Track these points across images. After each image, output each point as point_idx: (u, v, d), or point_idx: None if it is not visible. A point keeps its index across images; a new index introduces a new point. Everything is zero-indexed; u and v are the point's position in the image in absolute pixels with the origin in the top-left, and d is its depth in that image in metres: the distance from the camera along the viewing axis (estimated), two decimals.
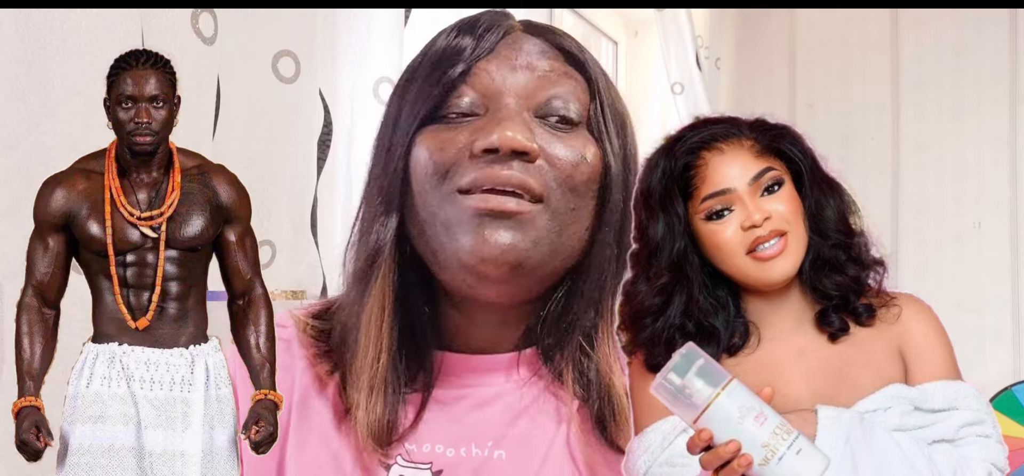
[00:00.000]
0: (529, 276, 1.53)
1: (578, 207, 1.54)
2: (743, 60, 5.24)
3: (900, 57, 5.05)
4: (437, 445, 1.58)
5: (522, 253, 1.50)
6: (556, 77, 1.56)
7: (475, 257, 1.50)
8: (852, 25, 5.12)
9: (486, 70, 1.55)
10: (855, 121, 5.09)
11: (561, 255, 1.55)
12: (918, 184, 5.01)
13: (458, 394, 1.60)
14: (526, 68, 1.56)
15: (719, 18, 5.05)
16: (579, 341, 1.57)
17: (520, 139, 1.49)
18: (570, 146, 1.54)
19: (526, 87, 1.55)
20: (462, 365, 1.61)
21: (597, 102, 1.58)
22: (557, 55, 1.59)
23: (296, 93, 2.38)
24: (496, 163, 1.50)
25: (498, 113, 1.53)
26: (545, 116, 1.55)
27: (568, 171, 1.53)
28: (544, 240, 1.52)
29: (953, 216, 4.95)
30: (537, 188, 1.51)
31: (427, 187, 1.53)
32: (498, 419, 1.59)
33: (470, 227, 1.50)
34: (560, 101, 1.55)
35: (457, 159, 1.52)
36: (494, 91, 1.54)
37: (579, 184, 1.54)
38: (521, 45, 1.58)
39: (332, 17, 2.56)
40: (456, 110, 1.55)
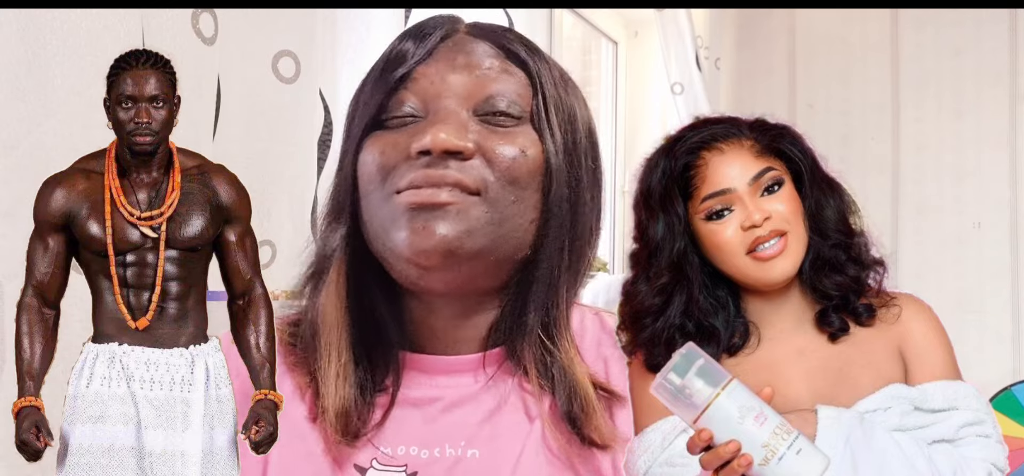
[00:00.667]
0: (469, 265, 1.56)
1: (520, 199, 1.57)
2: (743, 60, 5.24)
3: (900, 57, 5.05)
4: (411, 447, 1.60)
5: (453, 242, 1.53)
6: (495, 74, 1.60)
7: (411, 249, 1.54)
8: (852, 25, 5.13)
9: (425, 74, 1.60)
10: (855, 121, 5.09)
11: (507, 244, 1.57)
12: (918, 184, 5.02)
13: (429, 396, 1.63)
14: (465, 68, 1.60)
15: (719, 18, 5.05)
16: (538, 335, 1.59)
17: (452, 140, 1.53)
18: (510, 142, 1.57)
19: (466, 86, 1.58)
20: (430, 366, 1.64)
21: (539, 97, 1.60)
22: (498, 54, 1.62)
23: (296, 93, 2.39)
24: (431, 164, 1.54)
25: (436, 115, 1.57)
26: (486, 114, 1.58)
27: (506, 164, 1.56)
28: (479, 229, 1.54)
29: (953, 216, 4.95)
30: (471, 184, 1.54)
31: (371, 190, 1.59)
32: (470, 419, 1.61)
33: (404, 222, 1.54)
34: (500, 98, 1.58)
35: (396, 162, 1.57)
36: (433, 94, 1.59)
37: (520, 177, 1.57)
38: (462, 46, 1.62)
39: (332, 17, 2.56)
40: (398, 114, 1.59)
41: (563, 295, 1.62)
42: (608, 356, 1.63)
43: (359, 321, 1.62)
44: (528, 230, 1.59)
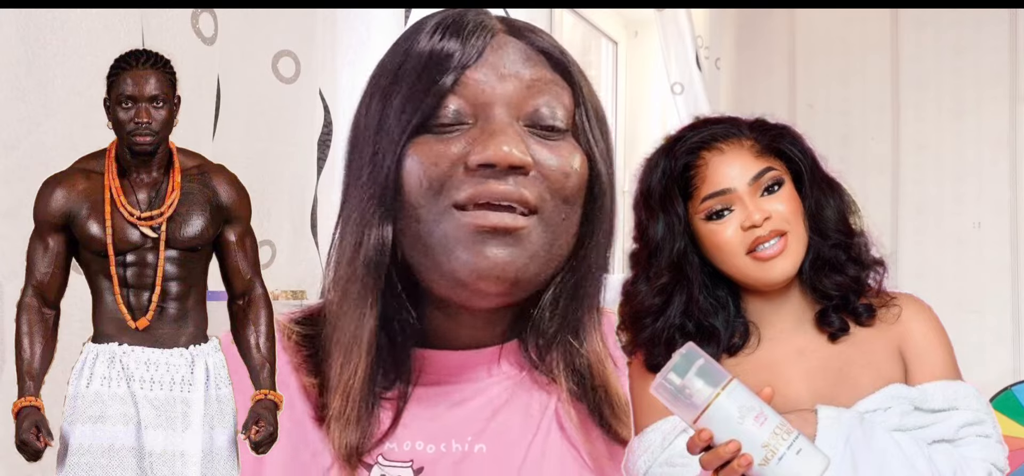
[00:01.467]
0: (525, 288, 1.55)
1: (568, 216, 1.56)
2: (743, 60, 5.24)
3: (900, 57, 5.05)
4: (417, 442, 1.59)
5: (520, 269, 1.51)
6: (543, 85, 1.57)
7: (474, 275, 1.51)
8: (852, 25, 5.12)
9: (474, 79, 1.55)
10: (855, 121, 5.09)
11: (553, 264, 1.57)
12: (918, 184, 5.01)
13: (438, 391, 1.61)
14: (514, 77, 1.56)
15: (719, 18, 5.05)
16: (568, 337, 1.58)
17: (516, 154, 1.50)
18: (559, 155, 1.55)
19: (515, 96, 1.55)
20: (441, 362, 1.62)
21: (582, 108, 1.59)
22: (541, 60, 1.59)
23: (296, 93, 2.39)
24: (492, 177, 1.51)
25: (489, 124, 1.53)
26: (533, 125, 1.55)
27: (560, 182, 1.54)
28: (539, 253, 1.53)
29: (953, 216, 4.95)
30: (532, 201, 1.52)
31: (421, 201, 1.53)
32: (478, 413, 1.60)
33: (468, 244, 1.50)
34: (547, 110, 1.56)
35: (451, 173, 1.52)
36: (483, 101, 1.55)
37: (570, 195, 1.56)
38: (507, 51, 1.58)
39: (332, 17, 2.56)
40: (445, 119, 1.54)
41: (596, 300, 1.61)
42: (616, 356, 1.63)
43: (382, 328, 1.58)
44: (570, 245, 1.58)
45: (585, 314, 1.60)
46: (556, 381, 1.58)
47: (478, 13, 1.63)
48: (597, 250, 1.59)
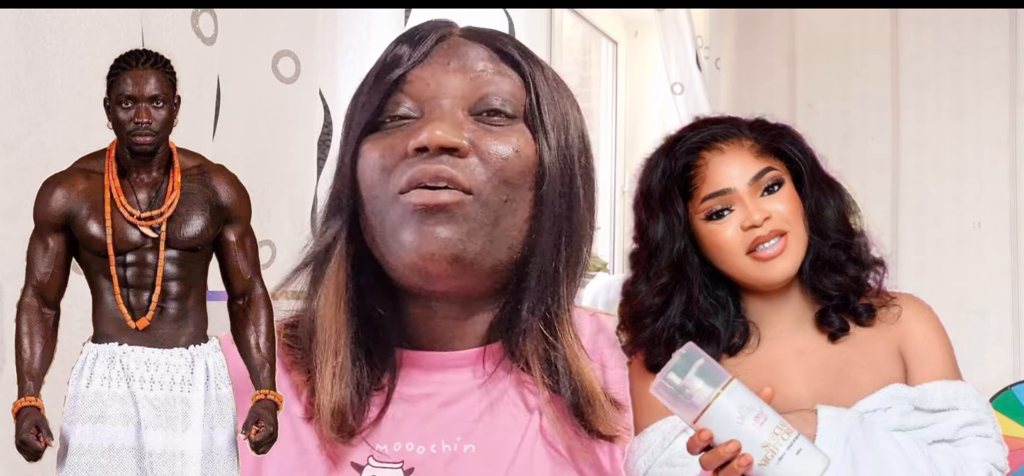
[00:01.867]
0: (472, 268, 1.58)
1: (512, 198, 1.59)
2: (743, 60, 5.24)
3: (900, 57, 5.05)
4: (407, 443, 1.61)
5: (458, 246, 1.55)
6: (489, 76, 1.63)
7: (417, 254, 1.56)
8: (852, 25, 5.12)
9: (420, 77, 1.63)
10: (855, 121, 5.09)
11: (501, 246, 1.59)
12: (918, 184, 5.02)
13: (425, 392, 1.64)
14: (460, 70, 1.63)
15: (719, 18, 5.05)
16: (541, 331, 1.61)
17: (447, 136, 1.56)
18: (503, 140, 1.60)
19: (460, 87, 1.61)
20: (426, 362, 1.65)
21: (532, 96, 1.63)
22: (492, 56, 1.65)
23: (296, 93, 2.38)
24: (427, 160, 1.56)
25: (431, 114, 1.60)
26: (480, 113, 1.61)
27: (499, 164, 1.58)
28: (478, 231, 1.57)
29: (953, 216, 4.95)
30: (465, 182, 1.56)
31: (375, 192, 1.61)
32: (467, 414, 1.62)
33: (410, 225, 1.56)
34: (494, 97, 1.61)
35: (395, 163, 1.59)
36: (429, 95, 1.61)
37: (512, 176, 1.59)
38: (457, 49, 1.65)
39: (332, 17, 2.56)
40: (394, 116, 1.62)
41: (563, 291, 1.63)
42: (606, 358, 1.64)
43: (357, 320, 1.63)
44: (521, 229, 1.61)
45: (553, 304, 1.62)
46: (533, 375, 1.60)
47: (439, 21, 1.70)
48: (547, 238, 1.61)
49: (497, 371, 1.64)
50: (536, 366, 1.61)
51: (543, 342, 1.61)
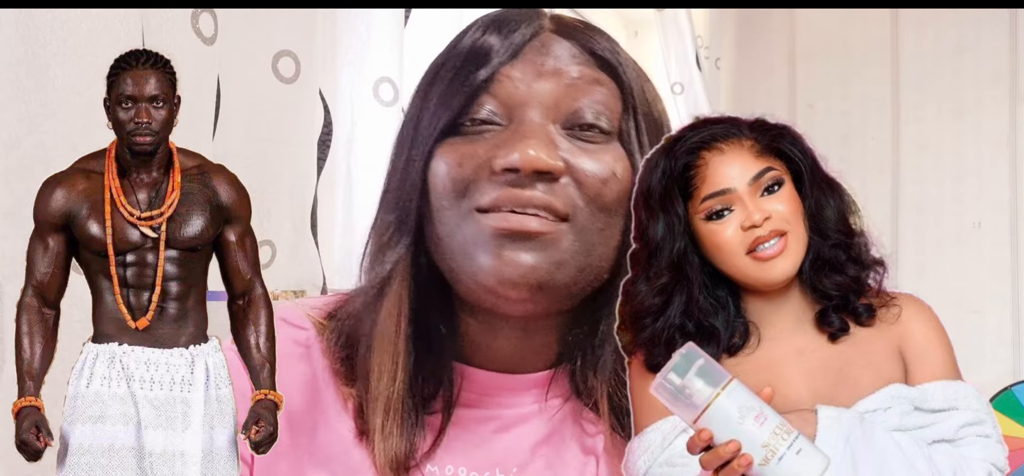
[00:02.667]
0: (553, 296, 1.47)
1: (607, 226, 1.48)
2: (743, 60, 5.24)
3: (900, 57, 5.05)
4: (460, 468, 1.54)
5: (544, 275, 1.44)
6: (585, 85, 1.48)
7: (495, 279, 1.44)
8: (852, 25, 5.12)
9: (509, 77, 1.48)
10: (855, 121, 5.08)
11: (589, 275, 1.48)
12: (918, 184, 5.01)
13: (482, 415, 1.55)
14: (553, 74, 1.48)
15: (719, 18, 5.05)
16: (614, 367, 1.50)
17: (543, 158, 1.42)
18: (599, 160, 1.47)
19: (552, 95, 1.47)
20: (487, 383, 1.55)
21: (630, 111, 1.50)
22: (588, 60, 1.51)
23: (296, 93, 2.38)
24: (517, 183, 1.43)
25: (520, 127, 1.45)
26: (573, 127, 1.47)
27: (597, 188, 1.46)
28: (569, 261, 1.45)
29: (953, 216, 4.95)
30: (562, 208, 1.44)
31: (445, 204, 1.47)
32: (523, 443, 1.53)
33: (489, 248, 1.44)
34: (589, 111, 1.47)
35: (476, 176, 1.46)
36: (517, 100, 1.47)
37: (609, 202, 1.47)
38: (550, 48, 1.50)
39: (332, 17, 2.56)
40: (476, 119, 1.47)
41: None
42: None
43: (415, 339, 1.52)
44: (611, 258, 1.50)
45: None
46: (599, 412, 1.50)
47: (528, 11, 1.55)
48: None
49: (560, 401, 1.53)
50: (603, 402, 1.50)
51: (614, 377, 1.51)
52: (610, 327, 1.49)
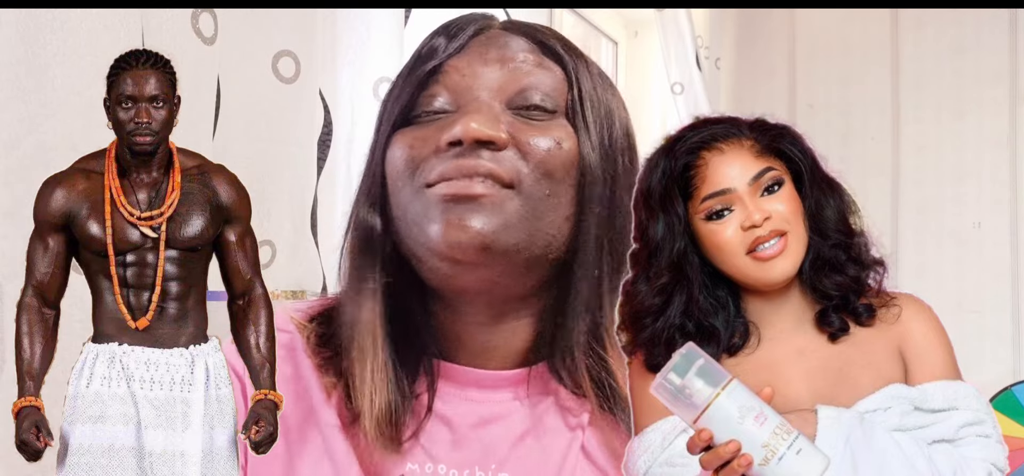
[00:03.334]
0: (504, 260, 1.52)
1: (554, 193, 1.53)
2: (743, 60, 5.24)
3: (900, 57, 5.05)
4: (440, 466, 1.58)
5: (490, 236, 1.50)
6: (529, 68, 1.57)
7: (445, 243, 1.51)
8: (852, 25, 5.12)
9: (456, 68, 1.57)
10: (855, 121, 5.09)
11: (541, 240, 1.54)
12: (918, 184, 5.01)
13: (462, 411, 1.60)
14: (498, 61, 1.56)
15: (719, 18, 5.05)
16: (590, 345, 1.55)
17: (483, 128, 1.50)
18: (544, 133, 1.54)
19: (499, 80, 1.55)
20: (464, 378, 1.60)
21: (575, 92, 1.57)
22: (533, 48, 1.59)
23: (296, 93, 2.38)
24: (463, 155, 1.51)
25: (467, 107, 1.54)
26: (519, 107, 1.55)
27: (541, 156, 1.52)
28: (516, 225, 1.51)
29: (953, 216, 4.95)
30: (505, 176, 1.51)
31: (400, 185, 1.56)
32: (502, 439, 1.58)
33: (438, 216, 1.51)
34: (534, 91, 1.55)
35: (426, 155, 1.54)
36: (464, 87, 1.56)
37: (554, 169, 1.53)
38: (496, 41, 1.59)
39: (332, 17, 2.56)
40: (428, 110, 1.57)
41: (608, 300, 1.58)
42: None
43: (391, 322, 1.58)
44: (562, 228, 1.55)
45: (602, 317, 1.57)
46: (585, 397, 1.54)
47: (476, 14, 1.64)
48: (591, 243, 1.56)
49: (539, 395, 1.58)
50: (586, 383, 1.54)
51: (592, 356, 1.55)
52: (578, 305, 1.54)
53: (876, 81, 5.07)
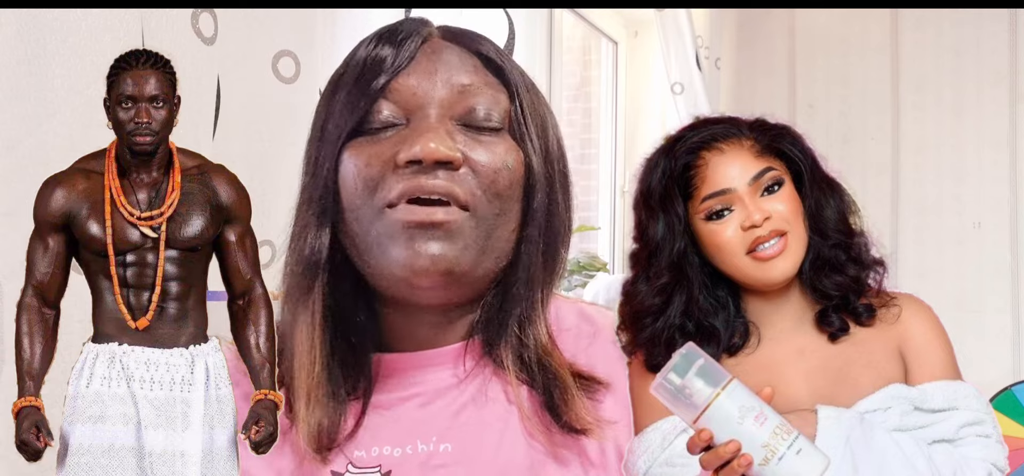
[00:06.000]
0: (461, 281, 1.57)
1: (503, 211, 1.58)
2: (743, 60, 5.24)
3: (900, 57, 5.05)
4: (384, 447, 1.60)
5: (452, 261, 1.54)
6: (476, 88, 1.60)
7: (407, 270, 1.53)
8: (852, 25, 5.13)
9: (406, 84, 1.59)
10: (855, 121, 5.09)
11: (491, 257, 1.58)
12: (918, 184, 5.02)
13: (401, 395, 1.63)
14: (446, 79, 1.60)
15: (719, 18, 5.06)
16: (515, 332, 1.60)
17: (443, 149, 1.53)
18: (492, 152, 1.58)
19: (448, 97, 1.59)
20: (403, 363, 1.64)
21: (517, 105, 1.62)
22: (475, 63, 1.63)
23: (296, 93, 2.38)
24: (421, 174, 1.54)
25: (420, 123, 1.57)
26: (468, 124, 1.59)
27: (491, 177, 1.57)
28: (472, 246, 1.55)
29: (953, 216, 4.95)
30: (462, 196, 1.54)
31: (357, 202, 1.57)
32: (443, 413, 1.61)
33: (400, 241, 1.53)
34: (482, 110, 1.59)
35: (383, 173, 1.56)
36: (415, 104, 1.59)
37: (503, 189, 1.58)
38: (441, 55, 1.62)
39: (332, 17, 2.56)
40: (379, 122, 1.59)
41: (538, 294, 1.63)
42: (589, 343, 1.63)
43: (333, 331, 1.61)
44: (509, 240, 1.60)
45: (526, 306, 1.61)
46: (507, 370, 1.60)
47: (415, 21, 1.68)
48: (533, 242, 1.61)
49: (475, 368, 1.63)
50: (511, 365, 1.60)
51: (517, 341, 1.61)
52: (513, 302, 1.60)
53: (876, 81, 5.08)
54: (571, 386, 1.58)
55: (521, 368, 1.61)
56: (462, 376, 1.63)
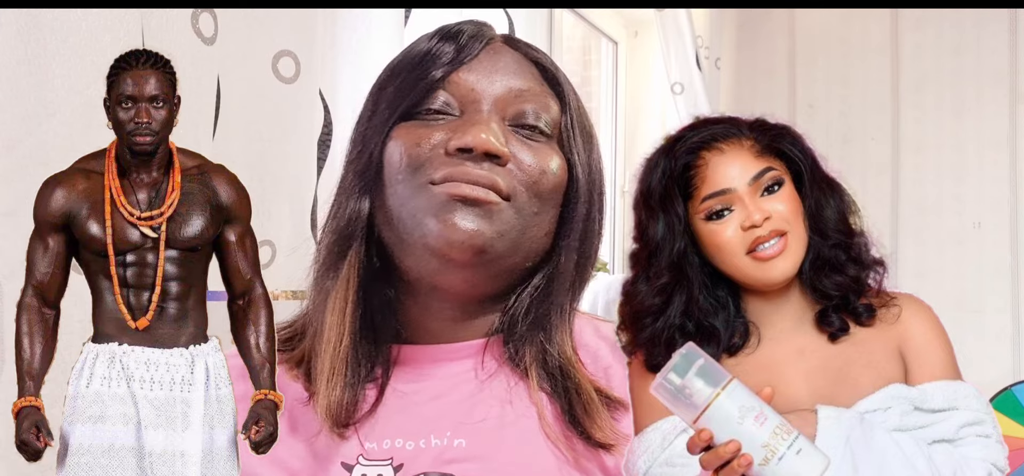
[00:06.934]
0: (492, 266, 1.59)
1: (541, 211, 1.62)
2: (743, 60, 5.25)
3: (900, 57, 5.05)
4: (396, 439, 1.61)
5: (487, 240, 1.56)
6: (531, 93, 1.64)
7: (441, 240, 1.56)
8: (852, 25, 5.13)
9: (465, 78, 1.63)
10: (855, 121, 5.09)
11: (521, 252, 1.61)
12: (918, 184, 5.02)
13: (416, 386, 1.64)
14: (503, 81, 1.64)
15: (719, 18, 5.06)
16: (539, 334, 1.63)
17: (494, 142, 1.57)
18: (539, 155, 1.62)
19: (503, 97, 1.62)
20: (420, 355, 1.66)
21: (567, 117, 1.66)
22: (532, 70, 1.67)
23: (296, 93, 2.38)
24: (469, 161, 1.57)
25: (474, 116, 1.60)
26: (518, 125, 1.62)
27: (534, 177, 1.60)
28: (508, 233, 1.58)
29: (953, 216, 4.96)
30: (505, 188, 1.58)
31: (399, 178, 1.60)
32: (457, 408, 1.62)
33: (439, 213, 1.56)
34: (533, 114, 1.63)
35: (431, 155, 1.59)
36: (471, 97, 1.62)
37: (544, 191, 1.61)
38: (501, 57, 1.66)
39: (332, 17, 2.56)
40: (432, 108, 1.62)
41: (567, 303, 1.66)
42: (608, 365, 1.65)
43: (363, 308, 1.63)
44: (542, 243, 1.63)
45: (555, 315, 1.64)
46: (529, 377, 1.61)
47: (480, 23, 1.71)
48: (569, 252, 1.65)
49: (496, 367, 1.64)
50: (533, 372, 1.61)
51: (540, 347, 1.62)
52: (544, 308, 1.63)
53: (876, 81, 5.08)
54: (595, 399, 1.59)
55: (543, 374, 1.62)
56: (480, 373, 1.64)
